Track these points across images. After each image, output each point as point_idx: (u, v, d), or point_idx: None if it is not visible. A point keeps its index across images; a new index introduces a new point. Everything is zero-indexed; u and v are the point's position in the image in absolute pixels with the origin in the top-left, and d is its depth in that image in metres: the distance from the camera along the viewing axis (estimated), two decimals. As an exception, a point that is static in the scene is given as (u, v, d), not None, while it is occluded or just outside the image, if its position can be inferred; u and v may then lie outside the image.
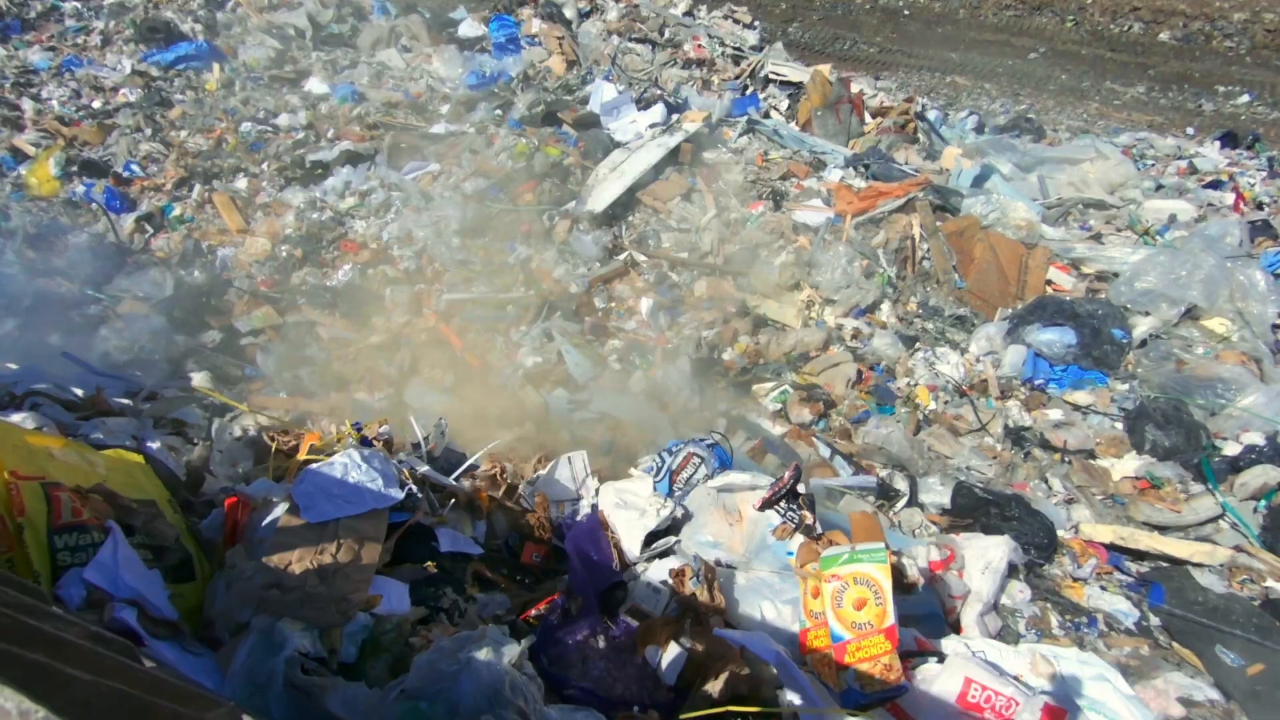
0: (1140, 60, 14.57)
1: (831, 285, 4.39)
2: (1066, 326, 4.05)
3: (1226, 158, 10.34)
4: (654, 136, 5.11)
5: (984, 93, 13.94)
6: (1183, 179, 9.19)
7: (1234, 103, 13.33)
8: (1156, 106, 13.49)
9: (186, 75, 6.88)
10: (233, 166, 5.68)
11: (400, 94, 6.48)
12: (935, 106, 12.83)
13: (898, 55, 14.92)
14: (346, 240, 4.76)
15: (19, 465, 1.34)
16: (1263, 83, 13.74)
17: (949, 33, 15.56)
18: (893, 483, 3.25)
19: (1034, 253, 4.60)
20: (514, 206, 4.76)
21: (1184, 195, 7.76)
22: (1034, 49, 14.94)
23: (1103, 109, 13.43)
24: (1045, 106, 13.48)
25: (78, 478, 1.47)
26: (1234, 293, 4.09)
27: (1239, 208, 6.59)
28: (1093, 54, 14.76)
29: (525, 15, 7.11)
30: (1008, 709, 1.68)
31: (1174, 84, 13.95)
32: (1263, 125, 12.90)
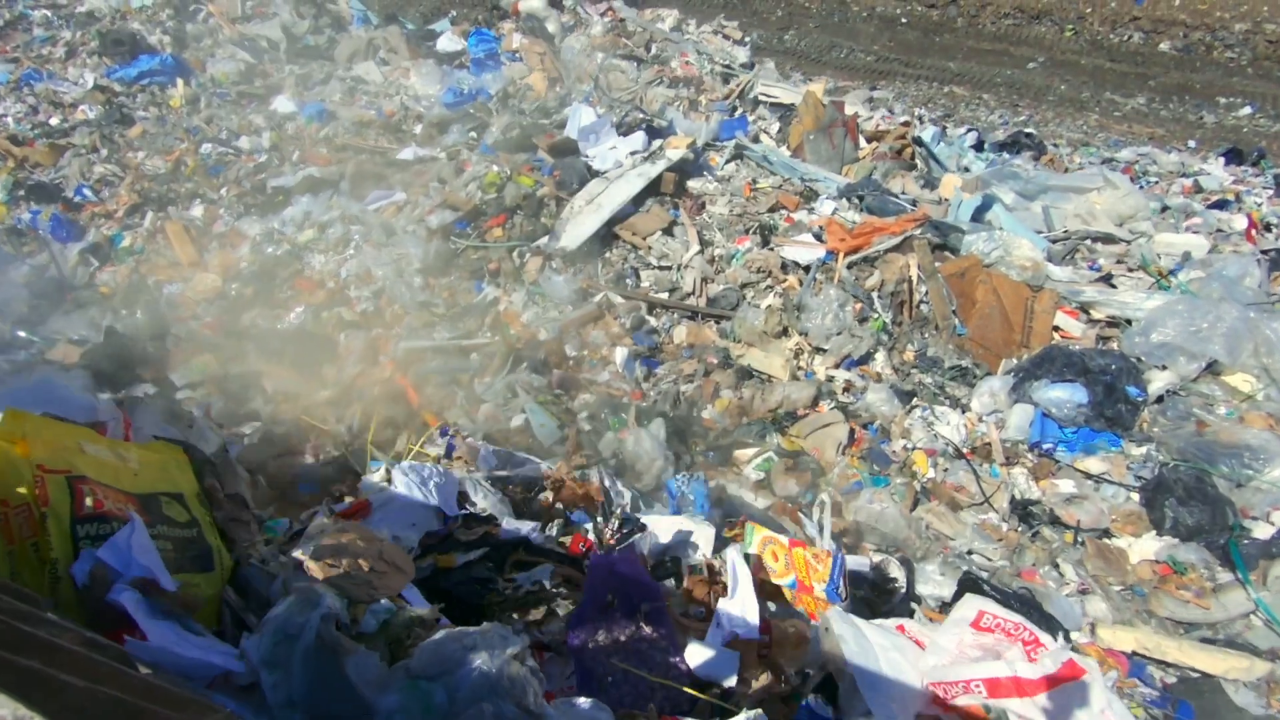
0: (1140, 71, 14.16)
1: (821, 332, 3.99)
2: (1077, 383, 3.66)
3: (1232, 175, 9.94)
4: (634, 165, 4.71)
5: (982, 103, 13.54)
6: (1188, 198, 8.80)
7: (1236, 115, 12.92)
8: (1157, 118, 13.08)
9: (150, 91, 6.47)
10: (190, 192, 5.28)
11: (373, 112, 6.07)
12: (933, 118, 12.42)
13: (895, 64, 14.49)
14: (302, 278, 4.36)
15: (47, 459, 1.41)
16: (1264, 94, 13.32)
17: (947, 42, 15.14)
18: (887, 569, 2.86)
19: (1040, 296, 4.20)
20: (482, 243, 4.36)
21: (1191, 218, 7.37)
22: (1033, 59, 14.52)
23: (1103, 120, 13.02)
24: (1045, 118, 13.08)
25: (105, 472, 1.51)
26: (1258, 347, 3.69)
27: (1251, 236, 6.20)
28: (1092, 64, 14.34)
29: (506, 30, 6.69)
30: (1017, 629, 1.76)
31: (1175, 95, 13.54)
32: (1265, 138, 12.50)
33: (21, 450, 1.38)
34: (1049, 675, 1.64)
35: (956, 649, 1.80)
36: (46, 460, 1.40)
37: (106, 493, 1.46)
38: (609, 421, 3.51)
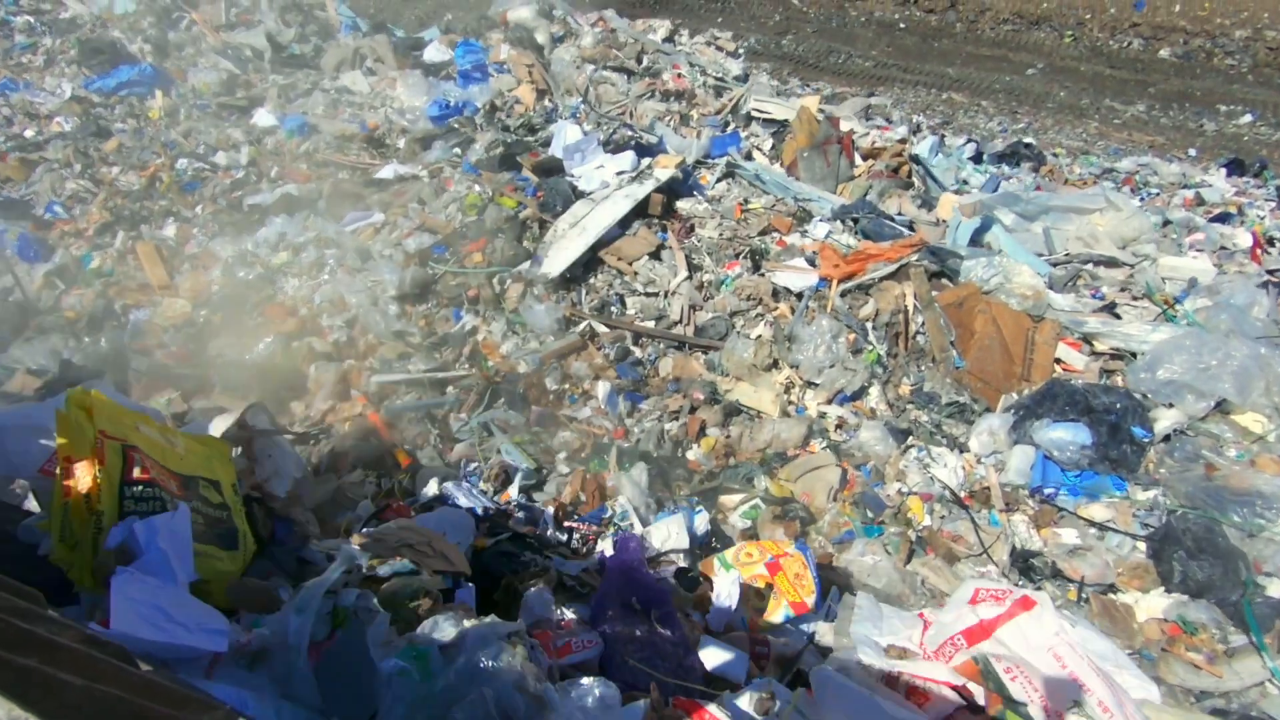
0: (1140, 77, 13.93)
1: (813, 365, 3.79)
2: (1080, 423, 3.45)
3: (1233, 186, 9.74)
4: (621, 185, 4.50)
5: (981, 110, 13.32)
6: (1190, 211, 8.59)
7: (1236, 122, 12.71)
8: (1157, 126, 12.86)
9: (129, 102, 6.25)
10: (163, 210, 5.06)
11: (356, 126, 5.86)
12: (931, 125, 12.20)
13: (893, 70, 14.27)
14: (273, 304, 4.15)
15: (108, 427, 1.60)
16: (1265, 102, 13.11)
17: (946, 47, 14.90)
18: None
19: (1041, 327, 4.00)
20: (461, 268, 4.15)
21: (1193, 233, 7.16)
22: (1032, 65, 14.29)
23: (1102, 128, 12.81)
24: (1044, 125, 12.86)
25: (155, 450, 1.69)
26: (1270, 385, 3.49)
27: (1257, 255, 6.00)
28: (1092, 70, 14.12)
29: (494, 40, 6.47)
30: (1005, 594, 1.84)
31: (1175, 102, 13.32)
32: (1266, 147, 12.29)
33: (88, 416, 1.58)
34: (1006, 611, 1.80)
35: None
36: (108, 428, 1.61)
37: (153, 466, 1.67)
38: (589, 464, 3.31)
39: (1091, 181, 9.23)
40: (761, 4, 16.01)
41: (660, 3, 15.62)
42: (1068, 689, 1.71)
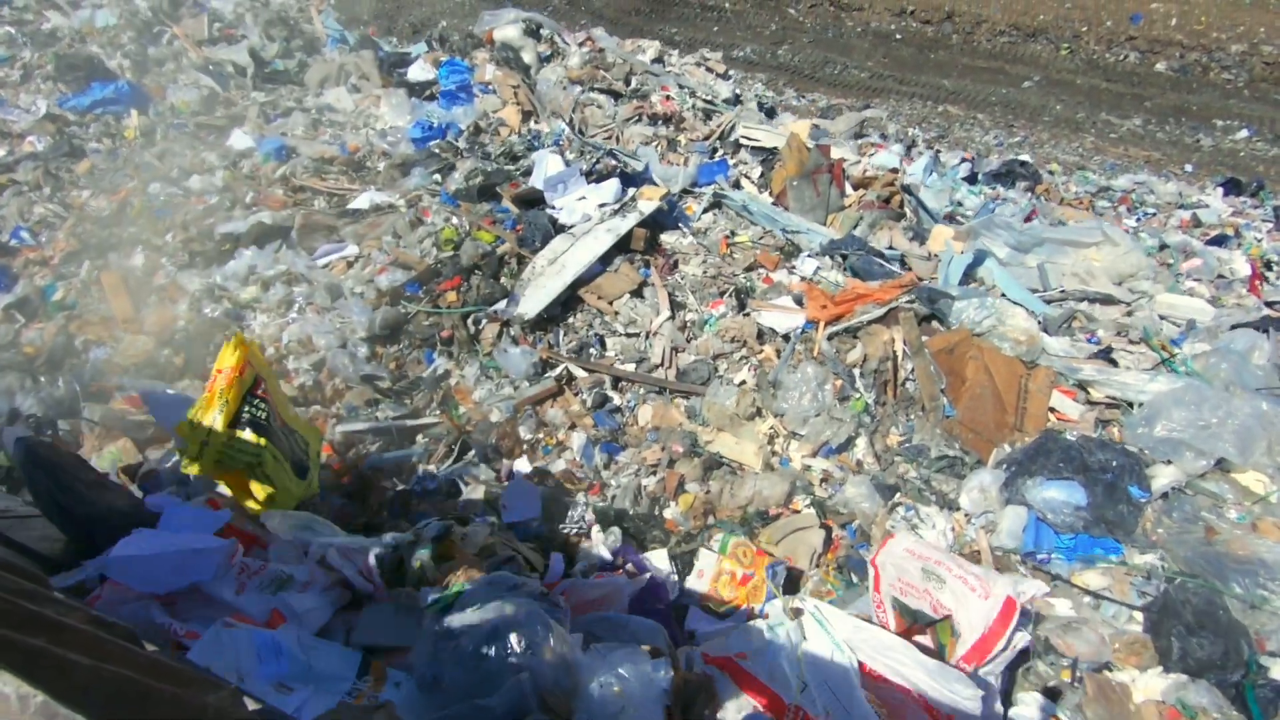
0: (1136, 91, 13.76)
1: (798, 414, 3.60)
2: (1074, 481, 3.27)
3: (1231, 206, 9.57)
4: (603, 219, 4.30)
5: (977, 123, 13.15)
6: (1186, 233, 8.43)
7: (1232, 138, 12.54)
8: (1154, 140, 12.70)
9: (105, 120, 6.05)
10: (133, 237, 4.86)
11: (336, 148, 5.66)
12: (927, 138, 12.02)
13: (889, 81, 14.09)
14: (239, 344, 3.95)
15: (253, 359, 2.28)
16: (1261, 118, 12.95)
17: (942, 59, 14.72)
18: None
19: (1035, 374, 3.82)
20: (434, 308, 3.96)
21: (1191, 259, 6.99)
22: (1028, 77, 14.12)
23: (1098, 143, 12.64)
24: (1040, 139, 12.70)
25: (275, 393, 2.42)
26: (1272, 444, 3.32)
27: (1256, 287, 5.82)
28: (1088, 84, 13.95)
29: (480, 59, 6.27)
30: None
31: (1171, 117, 13.16)
32: (1262, 163, 12.13)
33: (244, 349, 2.23)
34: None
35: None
36: (252, 360, 2.26)
37: (271, 394, 2.34)
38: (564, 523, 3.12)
39: (1087, 201, 9.05)
40: (758, 14, 15.82)
41: (656, 12, 15.42)
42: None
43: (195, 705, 0.89)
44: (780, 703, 1.87)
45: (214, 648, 1.49)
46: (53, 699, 0.69)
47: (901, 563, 2.53)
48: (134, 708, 0.80)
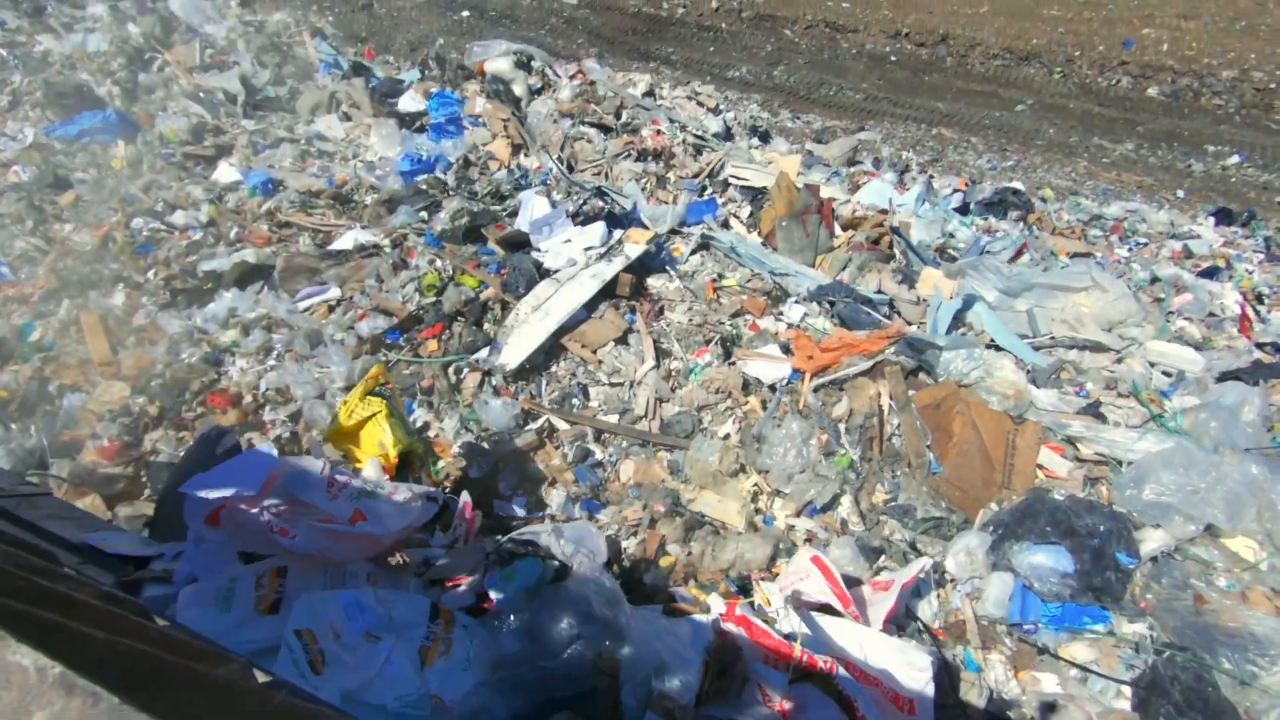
0: (1129, 116, 13.79)
1: (783, 471, 3.53)
2: (1061, 547, 3.20)
3: (1222, 236, 9.56)
4: (589, 263, 4.24)
5: (970, 147, 13.15)
6: (1178, 265, 8.40)
7: (1224, 163, 12.56)
8: (1146, 166, 12.71)
9: (91, 150, 5.97)
10: (114, 274, 4.78)
11: (323, 181, 5.59)
12: (920, 163, 12.00)
13: (884, 103, 14.10)
14: (215, 390, 3.87)
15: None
16: (1252, 144, 12.98)
17: (936, 82, 14.75)
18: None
19: (1023, 429, 3.75)
20: (415, 357, 3.89)
21: (1182, 294, 6.95)
22: (1022, 101, 14.15)
23: (1091, 167, 12.65)
24: (1033, 163, 12.70)
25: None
26: (1261, 511, 3.25)
27: (1246, 329, 5.78)
28: (1081, 108, 13.97)
29: (470, 92, 6.21)
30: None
31: (1163, 142, 13.18)
32: (1253, 189, 12.14)
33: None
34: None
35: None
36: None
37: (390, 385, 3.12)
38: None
39: (1079, 230, 9.02)
40: (754, 34, 15.85)
41: (653, 32, 15.44)
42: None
43: (207, 677, 0.89)
44: (788, 650, 2.16)
45: (308, 612, 1.67)
46: (69, 670, 0.69)
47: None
48: (147, 680, 0.80)
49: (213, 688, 0.88)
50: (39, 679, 0.69)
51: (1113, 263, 8.01)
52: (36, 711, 0.68)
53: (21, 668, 0.69)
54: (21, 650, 0.69)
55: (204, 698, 0.85)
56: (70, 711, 0.68)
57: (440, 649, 1.74)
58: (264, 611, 1.76)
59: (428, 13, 15.39)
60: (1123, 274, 7.51)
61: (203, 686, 0.87)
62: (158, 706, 0.72)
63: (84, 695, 0.69)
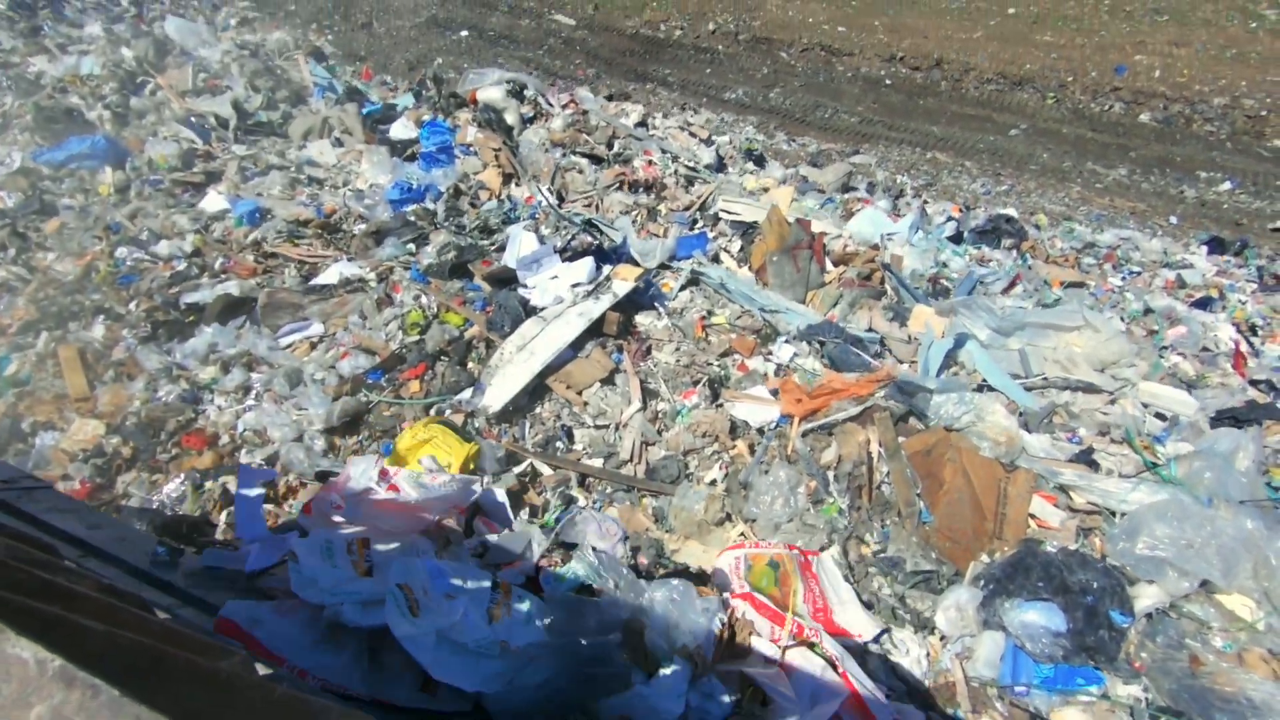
0: (1121, 141, 13.86)
1: (769, 520, 3.44)
2: (1053, 604, 3.11)
3: (1215, 265, 9.55)
4: (576, 301, 4.17)
5: (965, 171, 13.18)
6: (1171, 295, 8.37)
7: (1216, 190, 12.59)
8: (1139, 191, 12.74)
9: (79, 176, 5.91)
10: (95, 305, 4.70)
11: (312, 210, 5.53)
12: (914, 187, 12.00)
13: (879, 127, 14.15)
14: (192, 431, 3.78)
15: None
16: (1244, 170, 13.04)
17: (931, 105, 14.82)
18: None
19: (1014, 477, 3.67)
20: (396, 398, 3.80)
21: (1176, 326, 6.90)
22: (1015, 125, 14.21)
23: (1084, 193, 12.68)
24: (1026, 188, 12.73)
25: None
26: (1257, 568, 3.16)
27: (1241, 366, 5.72)
28: (1074, 133, 14.04)
29: (463, 120, 6.17)
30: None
31: (1156, 167, 13.23)
32: (1245, 215, 12.17)
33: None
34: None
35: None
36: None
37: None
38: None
39: (1073, 258, 9.00)
40: (750, 57, 15.94)
41: (650, 54, 15.51)
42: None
43: (208, 670, 0.88)
44: (781, 616, 2.70)
45: (404, 571, 2.05)
46: (69, 663, 0.69)
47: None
48: (148, 673, 0.80)
49: (213, 681, 0.87)
50: (39, 671, 0.69)
51: (1106, 292, 7.97)
52: (37, 704, 0.67)
53: (21, 660, 0.69)
54: (22, 643, 0.69)
55: (204, 691, 0.85)
56: (70, 704, 0.68)
57: (503, 611, 2.12)
58: (362, 574, 2.13)
59: (427, 32, 15.45)
60: (1116, 304, 7.47)
61: (203, 679, 0.86)
62: (158, 699, 0.72)
63: (84, 688, 0.69)
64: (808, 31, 16.45)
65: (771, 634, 2.62)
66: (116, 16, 9.08)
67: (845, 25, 16.61)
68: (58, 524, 1.95)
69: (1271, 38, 15.27)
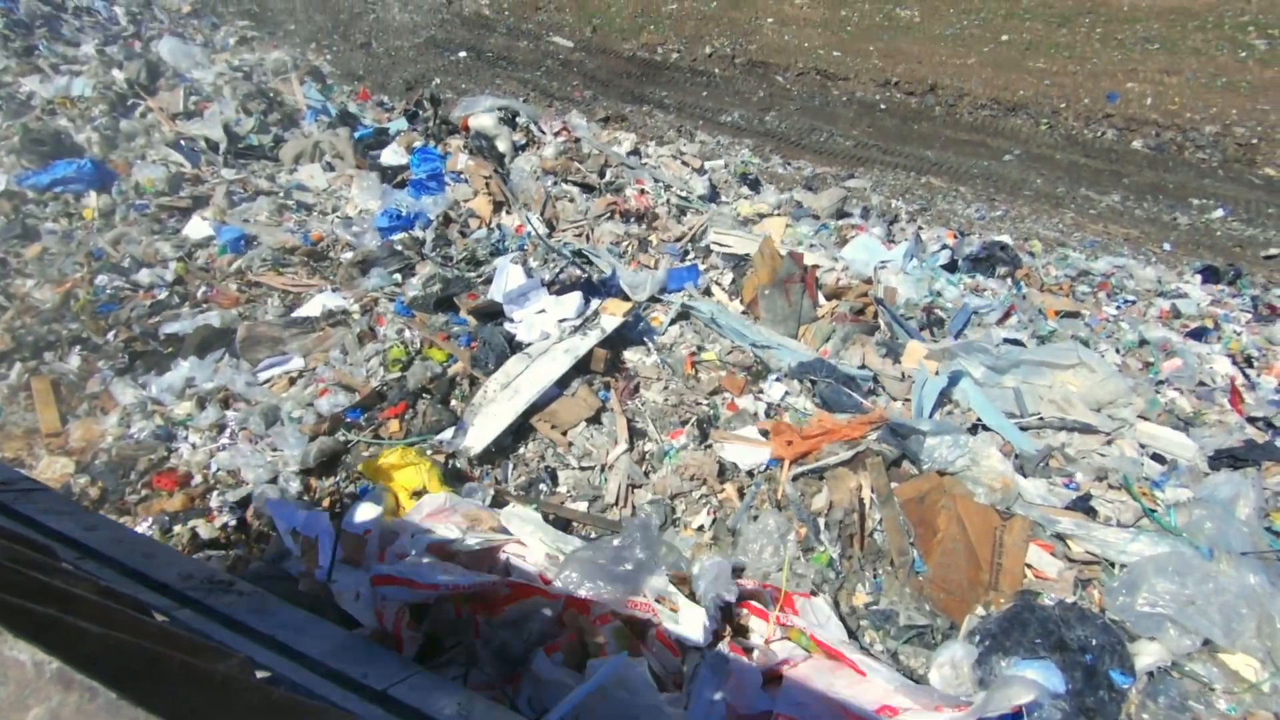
0: (1114, 168, 13.92)
1: (758, 569, 3.32)
2: (1049, 661, 3.00)
3: (1209, 295, 9.52)
4: (563, 337, 4.07)
5: (959, 195, 13.20)
6: (1166, 326, 8.32)
7: (1208, 217, 12.62)
8: (1132, 218, 12.76)
9: (64, 199, 5.83)
10: (72, 335, 4.59)
11: (298, 237, 5.45)
12: (909, 211, 12.00)
13: (873, 151, 14.19)
14: (164, 471, 3.66)
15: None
16: (1236, 197, 13.08)
17: (925, 130, 14.88)
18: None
19: (1010, 525, 3.57)
20: (375, 438, 3.69)
21: (1171, 359, 6.84)
22: (1009, 150, 14.26)
23: (1078, 218, 12.69)
24: (1021, 214, 12.74)
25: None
26: (1261, 626, 3.06)
27: (1238, 404, 5.65)
28: (1067, 159, 14.10)
29: (454, 147, 6.12)
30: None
31: (1149, 194, 13.27)
32: (1238, 243, 12.19)
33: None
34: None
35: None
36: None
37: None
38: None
39: (1067, 286, 8.96)
40: (746, 80, 16.02)
41: (647, 76, 15.58)
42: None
43: (205, 672, 0.88)
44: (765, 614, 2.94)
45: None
46: (66, 665, 0.69)
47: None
48: (145, 675, 0.80)
49: (210, 683, 0.87)
50: (36, 673, 0.68)
51: (1101, 321, 7.91)
52: (34, 706, 0.67)
53: (19, 662, 0.69)
54: (19, 645, 0.69)
55: (202, 693, 0.84)
56: (67, 706, 0.68)
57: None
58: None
59: (425, 53, 15.51)
60: (1111, 334, 7.42)
61: (200, 681, 0.86)
62: (155, 701, 0.71)
63: (81, 690, 0.69)
64: (803, 56, 16.56)
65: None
66: (113, 36, 9.06)
67: (840, 50, 16.74)
68: (54, 526, 1.95)
69: (1261, 67, 15.41)
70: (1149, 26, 17.13)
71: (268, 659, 2.00)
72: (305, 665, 2.06)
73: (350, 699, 1.88)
